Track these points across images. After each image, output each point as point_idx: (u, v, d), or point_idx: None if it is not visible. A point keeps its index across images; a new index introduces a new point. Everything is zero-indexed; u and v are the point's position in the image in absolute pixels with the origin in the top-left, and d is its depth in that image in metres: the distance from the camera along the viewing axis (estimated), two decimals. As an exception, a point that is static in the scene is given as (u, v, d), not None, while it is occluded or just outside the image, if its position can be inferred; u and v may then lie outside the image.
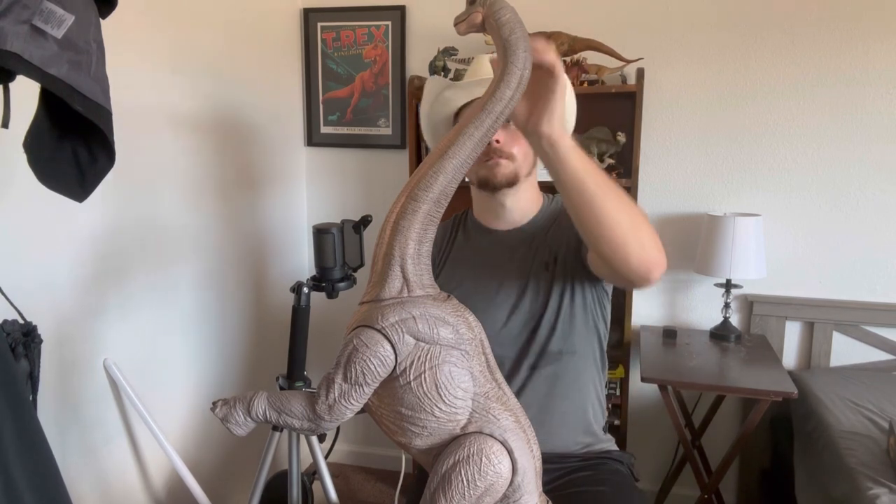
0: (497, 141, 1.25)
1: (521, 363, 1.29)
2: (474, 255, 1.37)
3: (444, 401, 0.84)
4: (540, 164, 1.21)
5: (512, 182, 1.28)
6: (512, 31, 0.81)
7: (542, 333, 1.29)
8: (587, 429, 1.33)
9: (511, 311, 1.29)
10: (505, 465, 0.83)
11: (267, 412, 0.91)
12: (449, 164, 0.84)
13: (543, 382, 1.29)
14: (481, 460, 0.82)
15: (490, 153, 1.26)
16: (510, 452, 0.84)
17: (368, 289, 0.91)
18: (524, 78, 0.81)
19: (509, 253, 1.33)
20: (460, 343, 0.87)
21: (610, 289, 1.36)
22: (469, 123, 0.84)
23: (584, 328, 1.31)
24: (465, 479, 0.82)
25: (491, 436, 0.84)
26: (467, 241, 1.40)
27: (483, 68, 1.31)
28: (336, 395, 0.86)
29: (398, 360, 0.85)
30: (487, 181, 1.28)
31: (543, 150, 0.93)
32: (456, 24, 0.84)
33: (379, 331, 0.84)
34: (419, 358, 0.85)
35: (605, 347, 1.38)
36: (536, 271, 1.30)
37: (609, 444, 1.38)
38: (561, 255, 1.29)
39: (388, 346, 0.84)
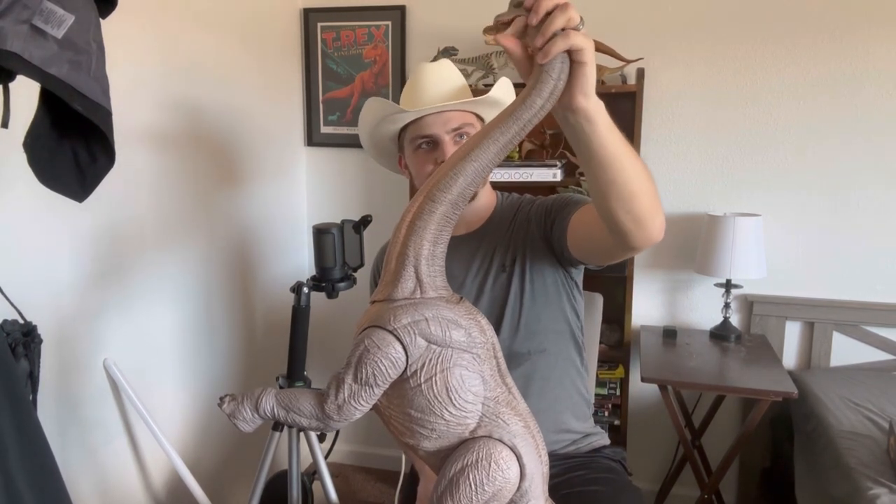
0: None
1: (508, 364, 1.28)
2: None
3: (454, 404, 0.84)
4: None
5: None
6: None
7: (503, 336, 1.28)
8: (567, 427, 1.32)
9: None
10: (513, 471, 0.83)
11: (275, 409, 0.91)
12: (470, 167, 0.83)
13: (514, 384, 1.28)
14: (490, 465, 0.82)
15: None
16: (519, 458, 0.84)
17: (380, 287, 0.91)
18: (557, 89, 0.78)
19: (466, 257, 1.33)
20: (472, 346, 0.86)
21: (580, 279, 1.35)
22: (495, 128, 0.81)
23: (552, 325, 1.30)
24: (472, 484, 0.81)
25: (500, 441, 0.84)
26: None
27: (427, 92, 1.28)
28: (346, 395, 0.86)
29: (409, 362, 0.84)
30: None
31: (577, 126, 0.83)
32: (496, 24, 0.78)
33: (391, 332, 0.84)
34: (430, 360, 0.84)
35: (583, 341, 1.37)
36: (494, 274, 1.30)
37: (600, 438, 1.37)
38: (520, 255, 1.28)
39: (400, 348, 0.83)
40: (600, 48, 2.14)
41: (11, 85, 0.85)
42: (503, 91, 1.30)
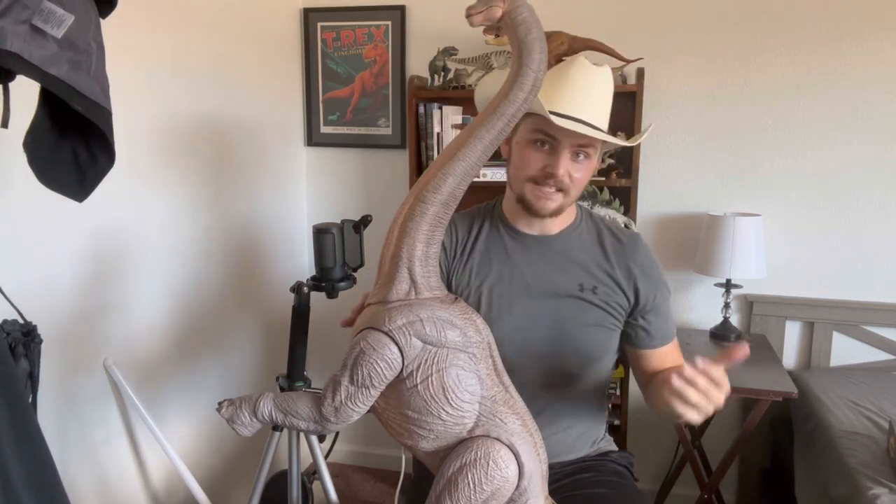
0: (561, 172, 1.14)
1: (535, 380, 1.22)
2: (504, 253, 1.28)
3: (451, 404, 0.84)
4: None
5: (556, 213, 1.21)
6: (528, 31, 0.77)
7: (563, 351, 1.23)
8: (587, 440, 1.33)
9: (531, 321, 1.22)
10: (511, 470, 0.83)
11: (273, 413, 0.91)
12: (458, 166, 0.83)
13: (555, 397, 1.26)
14: (488, 464, 0.82)
15: (545, 178, 1.15)
16: (517, 456, 0.84)
17: (375, 290, 0.91)
18: (538, 80, 0.78)
19: (537, 261, 1.26)
20: (468, 346, 0.86)
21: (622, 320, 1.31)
22: (480, 126, 0.82)
23: (594, 353, 1.27)
24: (471, 483, 0.81)
25: (498, 439, 0.84)
26: (499, 236, 1.30)
27: (578, 95, 1.16)
28: (342, 397, 0.86)
29: (405, 363, 0.84)
30: (530, 206, 1.18)
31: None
32: (470, 16, 0.77)
33: (386, 333, 0.84)
34: (426, 361, 0.84)
35: (612, 372, 1.35)
36: (567, 289, 1.24)
37: (607, 443, 1.38)
38: (599, 291, 1.24)
39: (395, 349, 0.83)
40: (600, 48, 2.14)
41: (11, 85, 0.85)
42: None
